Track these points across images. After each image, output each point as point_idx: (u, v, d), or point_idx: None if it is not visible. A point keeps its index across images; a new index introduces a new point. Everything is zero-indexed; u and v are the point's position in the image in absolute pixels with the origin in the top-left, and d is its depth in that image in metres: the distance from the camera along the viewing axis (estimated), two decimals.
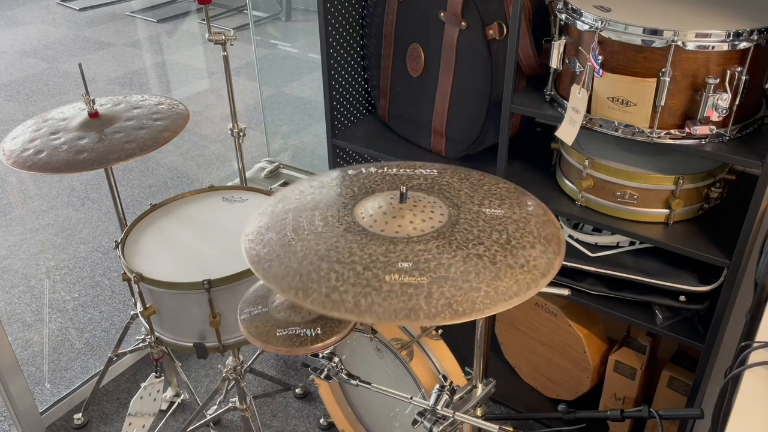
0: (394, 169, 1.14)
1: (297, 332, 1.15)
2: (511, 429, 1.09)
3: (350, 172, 1.14)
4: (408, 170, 1.14)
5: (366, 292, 0.85)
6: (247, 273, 1.45)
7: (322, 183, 1.12)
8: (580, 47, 1.38)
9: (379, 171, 1.13)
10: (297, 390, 2.07)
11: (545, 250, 0.93)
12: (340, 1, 1.75)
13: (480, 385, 1.22)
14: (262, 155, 3.28)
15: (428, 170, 1.14)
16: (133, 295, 1.81)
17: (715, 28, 1.23)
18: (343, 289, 0.86)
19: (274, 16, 3.71)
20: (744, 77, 1.25)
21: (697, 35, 1.23)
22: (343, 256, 0.91)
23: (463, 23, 1.58)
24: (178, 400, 2.05)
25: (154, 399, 1.76)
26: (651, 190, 1.44)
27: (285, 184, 2.50)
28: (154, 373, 1.75)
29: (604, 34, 1.31)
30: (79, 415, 2.00)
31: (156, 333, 1.56)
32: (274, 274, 0.90)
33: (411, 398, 1.20)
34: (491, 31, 1.55)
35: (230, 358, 1.64)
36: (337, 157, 1.96)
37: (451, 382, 1.20)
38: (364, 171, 1.14)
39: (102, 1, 5.72)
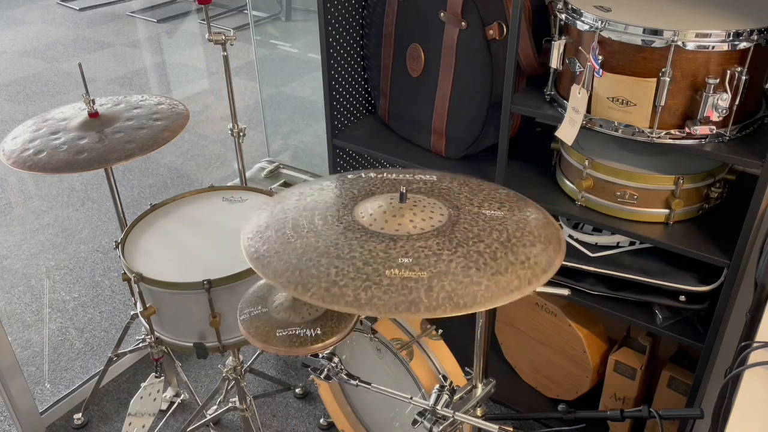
0: (394, 175, 1.14)
1: (297, 332, 1.15)
2: (511, 429, 1.09)
3: (350, 176, 1.15)
4: (407, 176, 1.14)
5: (366, 286, 0.84)
6: (247, 273, 1.45)
7: (321, 186, 1.12)
8: (580, 47, 1.38)
9: (379, 176, 1.14)
10: (297, 390, 2.07)
11: (546, 249, 0.93)
12: (340, 1, 1.75)
13: (480, 385, 1.22)
14: (262, 155, 3.28)
15: (428, 176, 1.14)
16: (133, 295, 1.81)
17: (715, 28, 1.23)
18: (342, 283, 0.85)
19: (274, 16, 3.72)
20: (744, 77, 1.25)
21: (697, 35, 1.23)
22: (342, 252, 0.91)
23: (463, 23, 1.58)
24: (178, 400, 2.05)
25: (154, 399, 1.76)
26: (651, 190, 1.44)
27: (285, 184, 2.49)
28: (154, 373, 1.75)
29: (604, 34, 1.31)
30: (79, 415, 2.00)
31: (156, 333, 1.56)
32: (273, 269, 0.89)
33: (411, 398, 1.20)
34: (491, 31, 1.55)
35: (230, 358, 1.64)
36: (337, 157, 1.96)
37: (451, 382, 1.20)
38: (363, 176, 1.14)
39: (102, 1, 5.72)
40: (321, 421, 1.98)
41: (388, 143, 1.87)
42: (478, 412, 1.23)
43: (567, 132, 1.42)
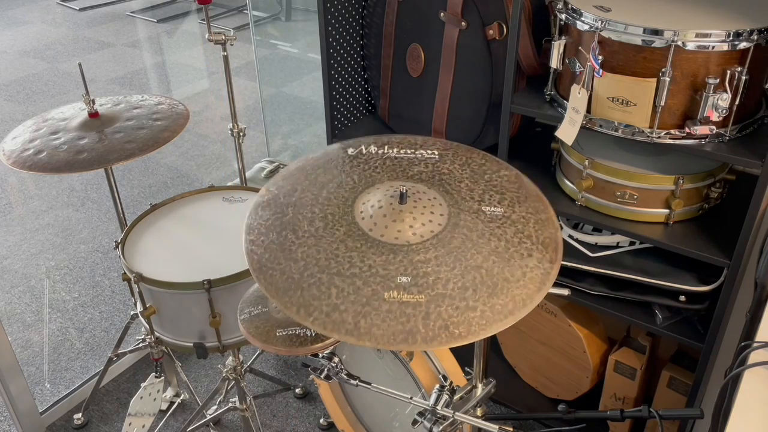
0: (395, 150, 1.14)
1: (297, 332, 1.15)
2: (511, 429, 1.09)
3: (350, 151, 1.14)
4: (409, 151, 1.13)
5: (366, 312, 0.85)
6: (247, 273, 1.45)
7: (323, 164, 1.11)
8: (580, 47, 1.38)
9: (380, 152, 1.13)
10: (297, 390, 2.07)
11: (542, 259, 0.93)
12: (340, 1, 1.75)
13: (480, 385, 1.22)
14: (262, 155, 3.28)
15: (429, 151, 1.13)
16: (133, 295, 1.81)
17: (715, 28, 1.23)
18: (343, 307, 0.86)
19: (274, 16, 3.72)
20: (744, 77, 1.25)
21: (697, 35, 1.23)
22: (343, 267, 0.91)
23: (463, 23, 1.58)
24: (178, 400, 2.05)
25: (154, 399, 1.76)
26: (651, 190, 1.44)
27: None
28: (154, 373, 1.75)
29: (604, 34, 1.31)
30: (79, 415, 2.00)
31: (156, 333, 1.56)
32: (276, 286, 0.90)
33: (411, 398, 1.20)
34: (491, 31, 1.55)
35: (230, 358, 1.64)
36: None
37: (451, 382, 1.20)
38: (364, 150, 1.14)
39: (102, 1, 5.72)
40: (321, 421, 1.98)
41: None
42: (478, 412, 1.23)
43: (567, 132, 1.42)
